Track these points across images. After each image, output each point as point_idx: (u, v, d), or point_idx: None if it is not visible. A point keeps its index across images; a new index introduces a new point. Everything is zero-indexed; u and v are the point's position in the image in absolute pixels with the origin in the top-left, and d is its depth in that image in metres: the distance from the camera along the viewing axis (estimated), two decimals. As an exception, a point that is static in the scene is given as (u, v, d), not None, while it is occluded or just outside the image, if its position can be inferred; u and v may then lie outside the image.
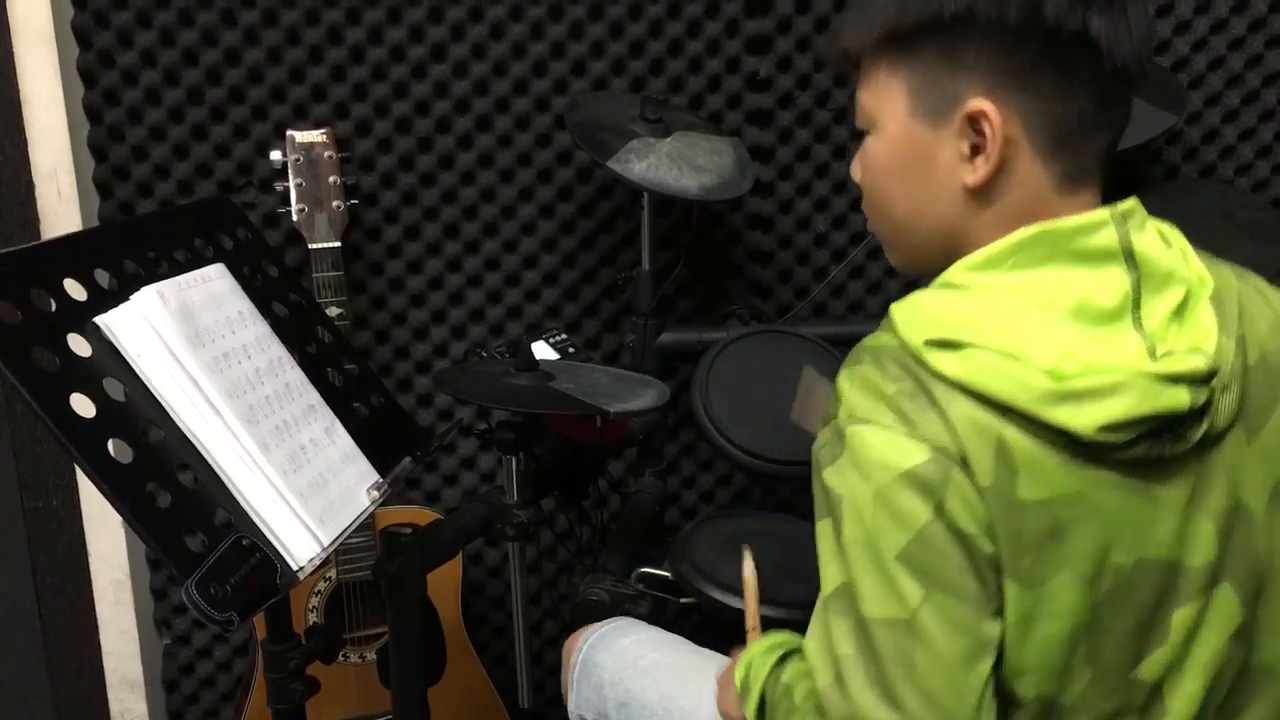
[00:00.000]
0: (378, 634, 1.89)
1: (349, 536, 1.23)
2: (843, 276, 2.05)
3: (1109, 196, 0.93)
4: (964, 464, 0.83)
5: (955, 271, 0.91)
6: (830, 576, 0.89)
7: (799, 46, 1.93)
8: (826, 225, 2.02)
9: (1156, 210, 0.97)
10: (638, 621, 1.43)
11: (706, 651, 1.34)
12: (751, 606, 1.33)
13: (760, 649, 1.09)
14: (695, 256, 2.00)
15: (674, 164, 1.70)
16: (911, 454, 0.83)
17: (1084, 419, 0.82)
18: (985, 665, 0.84)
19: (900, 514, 0.84)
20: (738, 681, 1.09)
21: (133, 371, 1.08)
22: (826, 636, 0.88)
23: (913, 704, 0.83)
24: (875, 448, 0.85)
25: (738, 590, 1.36)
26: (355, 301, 1.95)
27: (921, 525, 0.83)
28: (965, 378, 0.84)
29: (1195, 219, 1.81)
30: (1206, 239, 1.06)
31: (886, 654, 0.84)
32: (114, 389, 1.06)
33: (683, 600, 1.52)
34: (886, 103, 0.95)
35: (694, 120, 1.87)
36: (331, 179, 1.80)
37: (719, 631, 1.42)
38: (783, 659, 1.05)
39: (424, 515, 1.89)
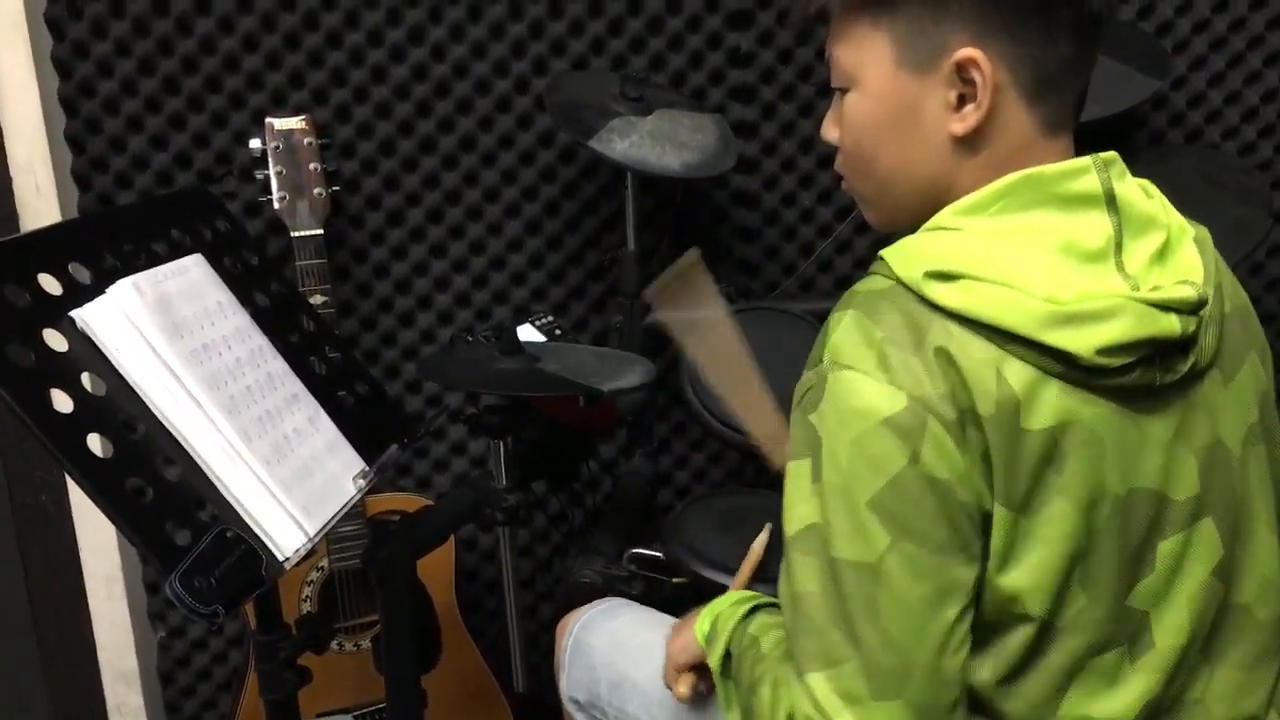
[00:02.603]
0: (372, 622, 1.89)
1: (340, 525, 1.22)
2: (830, 252, 2.04)
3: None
4: (955, 404, 0.85)
5: (944, 216, 0.92)
6: (801, 515, 0.90)
7: (780, 20, 1.91)
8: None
9: (1142, 175, 0.97)
10: (629, 602, 1.43)
11: None
12: (745, 573, 1.33)
13: (729, 601, 1.11)
14: (680, 235, 1.99)
15: (656, 142, 1.69)
16: (891, 401, 0.85)
17: (1083, 341, 0.84)
18: (950, 610, 0.87)
19: (875, 460, 0.85)
20: (703, 630, 1.11)
21: (111, 365, 1.07)
22: (790, 576, 0.91)
23: (872, 643, 0.86)
24: (856, 394, 0.86)
25: (730, 569, 1.36)
26: (339, 289, 1.94)
27: (896, 472, 0.85)
28: (965, 307, 0.86)
29: (1181, 184, 1.81)
30: (1193, 203, 1.06)
31: (852, 594, 0.87)
32: (93, 383, 1.05)
33: (675, 580, 1.52)
34: (869, 57, 0.94)
35: (676, 98, 1.85)
36: (312, 166, 1.78)
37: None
38: (750, 612, 1.08)
39: (414, 502, 1.89)
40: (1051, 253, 0.88)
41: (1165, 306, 0.87)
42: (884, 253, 0.93)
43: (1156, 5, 1.96)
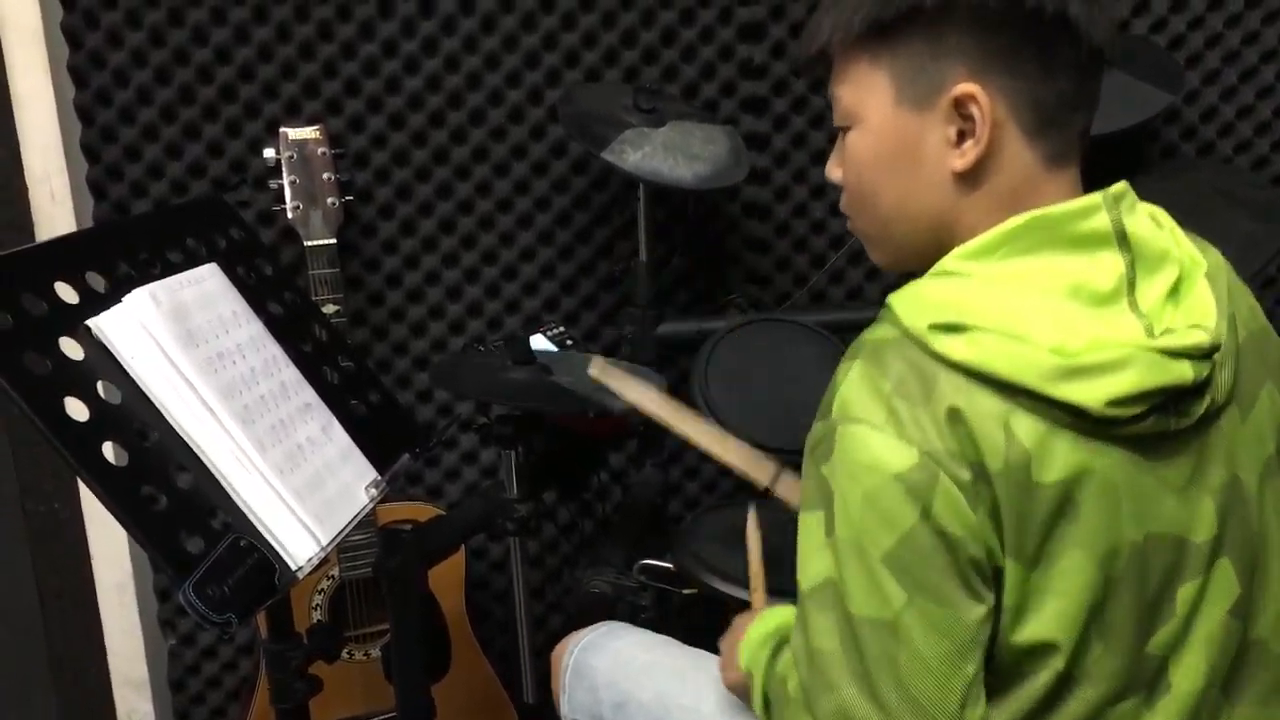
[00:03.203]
0: (382, 631, 1.89)
1: (351, 534, 1.22)
2: (841, 263, 2.04)
3: (1106, 177, 0.93)
4: (965, 460, 0.83)
5: (950, 260, 0.91)
6: (816, 570, 0.89)
7: (792, 33, 1.91)
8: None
9: (1155, 190, 0.97)
10: (628, 625, 1.42)
11: (699, 651, 1.33)
12: (755, 565, 1.33)
13: (757, 637, 1.10)
14: (692, 246, 1.99)
15: (669, 154, 1.69)
16: (901, 456, 0.83)
17: (1093, 394, 0.83)
18: (970, 666, 0.85)
19: (887, 516, 0.84)
20: (742, 664, 1.10)
21: (126, 374, 1.08)
22: (806, 630, 0.89)
23: (894, 702, 0.84)
24: (866, 449, 0.85)
25: (742, 580, 1.36)
26: (352, 298, 1.94)
27: (908, 527, 0.83)
28: (972, 360, 0.84)
29: (1194, 198, 1.81)
30: (1206, 218, 1.05)
31: (871, 652, 0.85)
32: (108, 392, 1.06)
33: (685, 592, 1.52)
34: (869, 95, 0.94)
35: (688, 109, 1.86)
36: (325, 175, 1.79)
37: (723, 623, 1.41)
38: (777, 649, 1.06)
39: (425, 511, 1.89)
40: (1060, 297, 0.86)
41: (1176, 354, 0.85)
42: (891, 299, 0.91)
43: (1169, 19, 1.96)
